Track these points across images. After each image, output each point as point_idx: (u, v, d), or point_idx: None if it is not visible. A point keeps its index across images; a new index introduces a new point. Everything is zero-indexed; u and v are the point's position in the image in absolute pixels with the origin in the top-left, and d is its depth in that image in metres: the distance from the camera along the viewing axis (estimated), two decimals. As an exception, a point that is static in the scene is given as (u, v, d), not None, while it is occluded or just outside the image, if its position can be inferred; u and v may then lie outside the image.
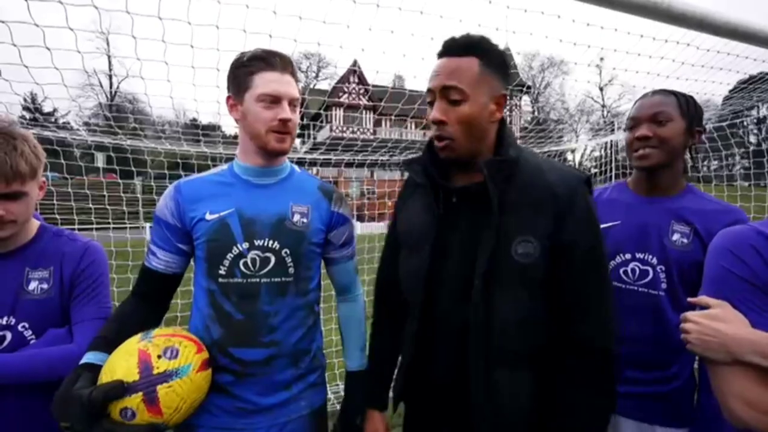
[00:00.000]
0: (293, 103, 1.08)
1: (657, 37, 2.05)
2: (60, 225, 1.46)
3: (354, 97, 26.92)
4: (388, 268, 1.13)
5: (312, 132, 26.03)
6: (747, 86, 3.36)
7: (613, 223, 1.25)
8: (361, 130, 26.09)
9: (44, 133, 3.10)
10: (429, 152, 0.99)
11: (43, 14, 1.53)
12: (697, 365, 1.20)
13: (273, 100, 1.04)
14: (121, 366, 0.86)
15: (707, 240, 1.11)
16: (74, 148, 3.73)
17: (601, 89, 35.94)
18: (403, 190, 1.12)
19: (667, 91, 1.23)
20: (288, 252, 1.07)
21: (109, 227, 3.51)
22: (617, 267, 1.23)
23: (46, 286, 1.07)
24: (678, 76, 2.51)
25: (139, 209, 4.77)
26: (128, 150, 3.58)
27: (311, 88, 32.90)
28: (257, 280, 1.05)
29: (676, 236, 1.17)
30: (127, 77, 28.94)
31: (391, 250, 1.14)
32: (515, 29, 2.22)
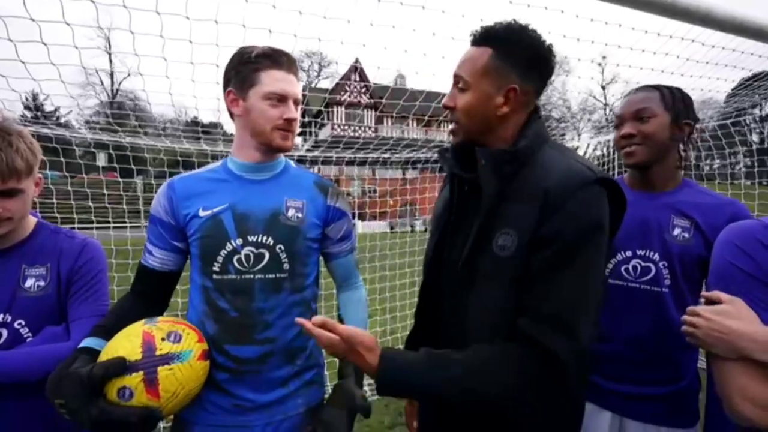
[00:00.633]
0: (296, 102, 1.09)
1: (662, 33, 2.03)
2: (60, 224, 1.44)
3: (355, 95, 26.91)
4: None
5: (313, 130, 26.05)
6: (751, 83, 3.33)
7: None
8: (362, 128, 26.09)
9: (44, 131, 3.09)
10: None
11: (40, 9, 1.51)
12: (700, 364, 1.18)
13: (280, 99, 1.05)
14: (125, 346, 0.87)
15: (709, 234, 1.10)
16: (75, 147, 3.72)
17: (604, 87, 35.80)
18: (444, 179, 1.14)
19: (651, 87, 1.21)
20: (282, 248, 1.06)
21: (109, 226, 3.50)
22: (618, 265, 1.21)
23: (42, 283, 1.06)
24: (682, 73, 2.49)
25: (140, 208, 4.76)
26: (128, 148, 3.57)
27: (313, 86, 32.89)
28: (251, 276, 1.04)
29: (677, 231, 1.15)
30: (129, 76, 29.04)
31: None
32: (518, 25, 2.20)
